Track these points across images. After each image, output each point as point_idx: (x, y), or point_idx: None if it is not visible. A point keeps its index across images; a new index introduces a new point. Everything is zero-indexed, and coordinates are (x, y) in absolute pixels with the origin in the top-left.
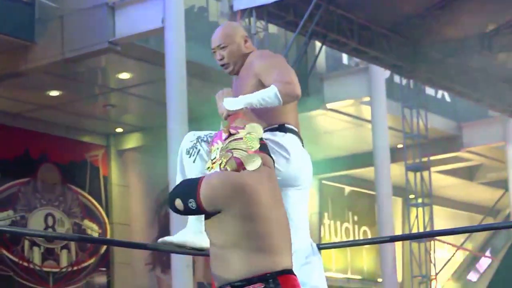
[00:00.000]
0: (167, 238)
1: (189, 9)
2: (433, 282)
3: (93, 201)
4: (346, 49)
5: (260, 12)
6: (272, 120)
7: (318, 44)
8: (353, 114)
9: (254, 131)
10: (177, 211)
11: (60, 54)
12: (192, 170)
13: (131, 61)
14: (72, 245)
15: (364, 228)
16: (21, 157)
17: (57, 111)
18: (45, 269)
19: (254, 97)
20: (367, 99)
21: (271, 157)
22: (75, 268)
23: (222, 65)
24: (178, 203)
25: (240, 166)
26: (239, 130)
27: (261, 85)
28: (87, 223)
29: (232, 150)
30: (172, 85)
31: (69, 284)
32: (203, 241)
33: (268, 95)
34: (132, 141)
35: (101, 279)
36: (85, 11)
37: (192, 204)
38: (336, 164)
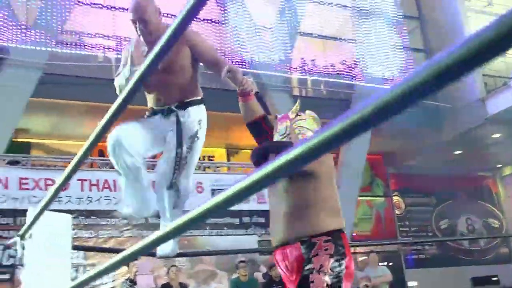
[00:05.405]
0: None
1: None
2: None
3: (492, 207)
4: None
5: None
6: (197, 94)
7: None
8: None
9: (313, 115)
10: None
11: (454, 131)
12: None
13: (498, 125)
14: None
15: None
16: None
17: (460, 164)
18: (470, 247)
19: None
20: None
21: None
22: (488, 246)
23: (142, 34)
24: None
25: None
26: (301, 114)
27: (192, 55)
28: (491, 220)
29: (298, 127)
30: None
31: (483, 256)
32: None
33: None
34: (507, 171)
35: (505, 250)
36: (468, 105)
37: None
38: None
